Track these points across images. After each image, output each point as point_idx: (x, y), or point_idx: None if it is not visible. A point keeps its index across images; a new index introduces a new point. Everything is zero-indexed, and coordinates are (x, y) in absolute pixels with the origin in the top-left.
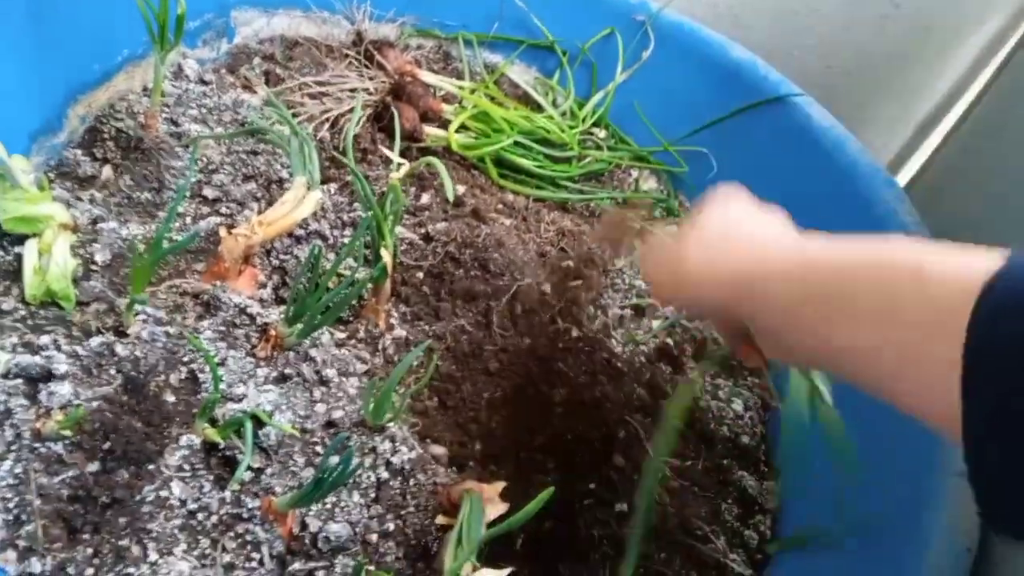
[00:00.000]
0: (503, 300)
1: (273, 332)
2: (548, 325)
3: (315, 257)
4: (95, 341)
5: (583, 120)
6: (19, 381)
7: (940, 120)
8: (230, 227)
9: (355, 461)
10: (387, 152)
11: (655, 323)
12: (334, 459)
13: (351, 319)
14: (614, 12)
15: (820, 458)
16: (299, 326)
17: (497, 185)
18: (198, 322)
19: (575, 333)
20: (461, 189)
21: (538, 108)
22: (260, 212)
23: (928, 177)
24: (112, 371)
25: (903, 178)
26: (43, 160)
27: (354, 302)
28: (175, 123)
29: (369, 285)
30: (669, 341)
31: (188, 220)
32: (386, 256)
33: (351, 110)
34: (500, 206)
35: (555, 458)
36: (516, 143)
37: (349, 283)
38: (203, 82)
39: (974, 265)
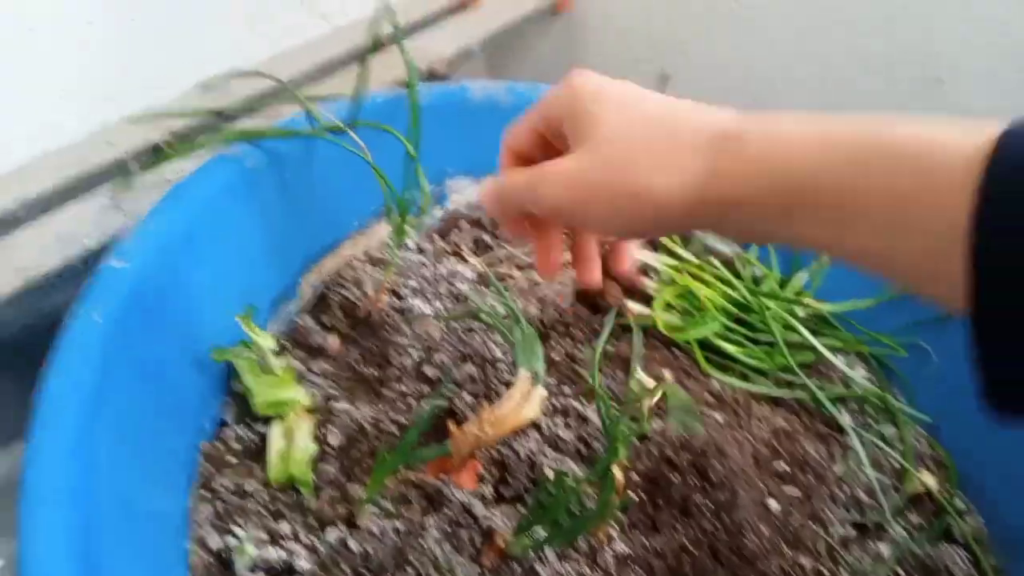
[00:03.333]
0: (725, 518)
1: (500, 542)
2: (775, 551)
3: (559, 479)
4: (331, 535)
5: (787, 302)
6: (263, 574)
7: None
8: (455, 419)
9: None
10: (642, 376)
11: (883, 547)
12: None
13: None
14: None
15: None
16: (526, 539)
17: (703, 372)
18: (424, 517)
19: (804, 563)
20: (667, 374)
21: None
22: (475, 395)
23: None
24: (345, 567)
25: None
26: (278, 328)
27: (576, 510)
28: (398, 295)
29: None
30: (900, 572)
31: (411, 401)
32: (617, 474)
33: (561, 285)
34: (708, 396)
35: None
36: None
37: (592, 515)
38: (420, 251)
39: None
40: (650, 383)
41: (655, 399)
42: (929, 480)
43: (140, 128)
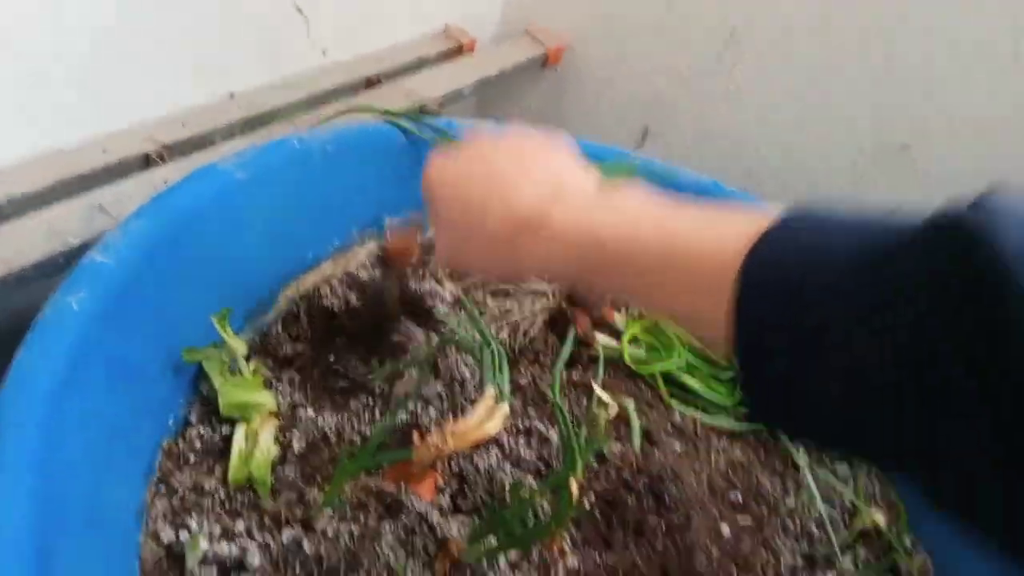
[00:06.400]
0: (678, 540)
1: (454, 549)
2: (724, 573)
3: (515, 488)
4: (286, 535)
5: None
6: (214, 569)
7: None
8: (420, 430)
9: None
10: (597, 390)
11: None
12: None
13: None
14: None
15: None
16: (479, 547)
17: (666, 404)
18: (380, 523)
19: None
20: (630, 404)
21: None
22: (442, 411)
23: None
24: (297, 568)
25: None
26: (251, 336)
27: (530, 520)
28: (371, 313)
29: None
30: None
31: (377, 413)
32: (574, 487)
33: (532, 314)
34: (669, 427)
35: None
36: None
37: (545, 526)
38: None
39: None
40: (608, 399)
41: (612, 414)
42: (879, 518)
43: (134, 138)
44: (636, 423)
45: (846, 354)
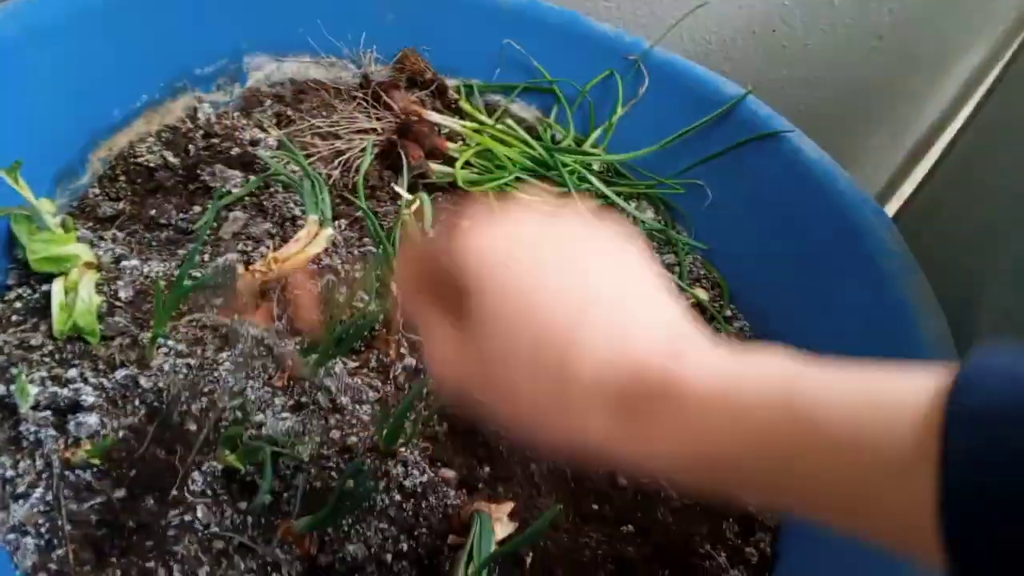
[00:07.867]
0: None
1: (289, 362)
2: None
3: (329, 291)
4: (120, 373)
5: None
6: (48, 413)
7: (928, 149)
8: (247, 264)
9: (370, 484)
10: (397, 188)
11: None
12: (350, 483)
13: (363, 349)
14: (608, 51)
15: None
16: (314, 356)
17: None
18: (217, 354)
19: None
20: (424, 196)
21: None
22: (275, 249)
23: (918, 205)
24: (136, 402)
25: (892, 207)
26: (66, 202)
27: (366, 332)
28: (193, 168)
29: (380, 316)
30: None
31: (207, 257)
32: (396, 289)
33: (362, 150)
34: None
35: (561, 481)
36: (517, 178)
37: (361, 316)
38: (217, 124)
39: (917, 394)
40: (407, 195)
41: (412, 208)
42: (702, 294)
43: None
44: (428, 208)
45: None
